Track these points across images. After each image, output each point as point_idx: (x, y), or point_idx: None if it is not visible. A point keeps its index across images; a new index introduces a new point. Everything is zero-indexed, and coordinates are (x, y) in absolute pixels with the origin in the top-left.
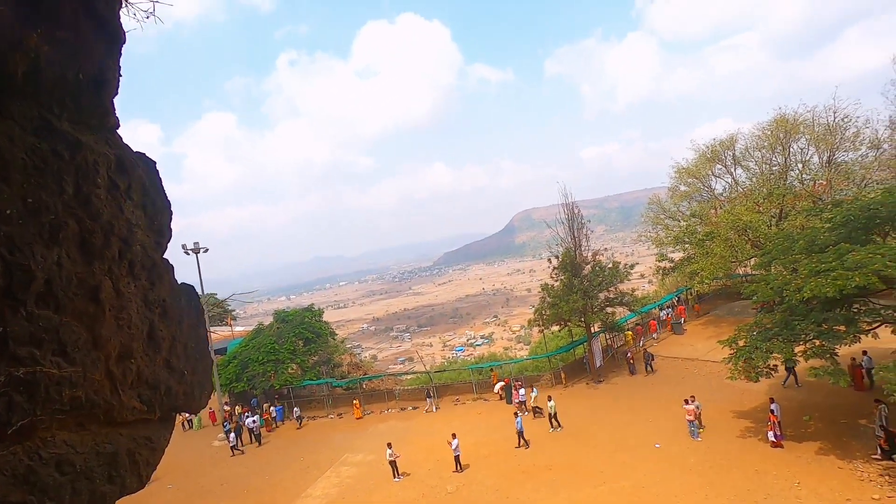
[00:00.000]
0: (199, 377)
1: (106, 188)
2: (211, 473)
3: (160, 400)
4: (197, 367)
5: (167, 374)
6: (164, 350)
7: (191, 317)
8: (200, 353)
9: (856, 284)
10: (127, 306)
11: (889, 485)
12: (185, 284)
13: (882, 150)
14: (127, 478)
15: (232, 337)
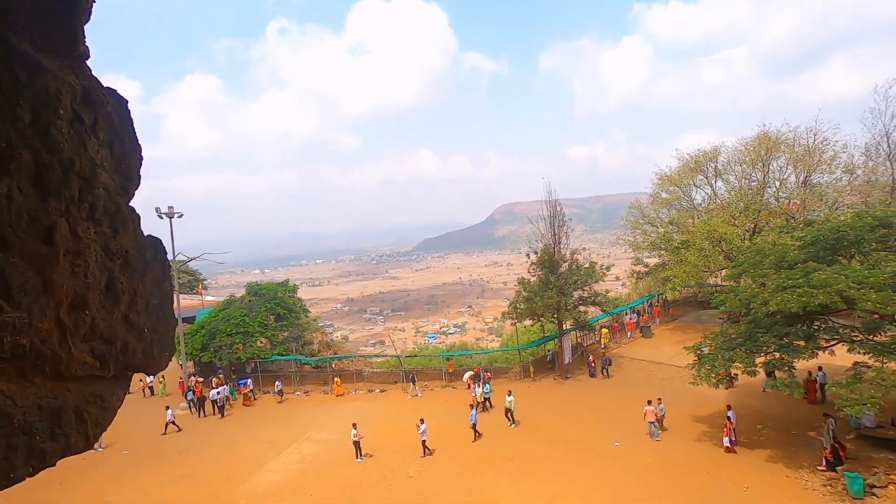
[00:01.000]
0: (160, 336)
1: (68, 121)
2: (169, 442)
3: (115, 357)
4: (159, 325)
5: (125, 330)
6: (124, 304)
7: (155, 271)
8: (164, 312)
9: (819, 302)
10: (84, 252)
11: (830, 494)
12: (152, 237)
13: (856, 175)
14: (72, 436)
15: (202, 306)
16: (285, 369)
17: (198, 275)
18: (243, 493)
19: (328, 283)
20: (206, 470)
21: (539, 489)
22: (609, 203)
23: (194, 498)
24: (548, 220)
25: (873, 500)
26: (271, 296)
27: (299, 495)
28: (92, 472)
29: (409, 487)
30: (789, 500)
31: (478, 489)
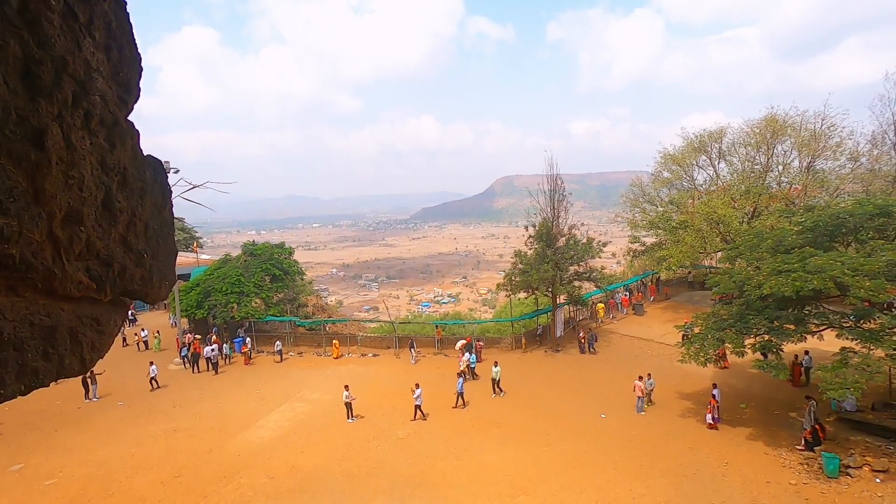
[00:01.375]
0: (160, 264)
1: (60, 14)
2: (164, 395)
3: (112, 280)
4: (158, 252)
5: (123, 253)
6: (122, 225)
7: (155, 194)
8: (163, 238)
9: (813, 287)
10: (79, 163)
11: (806, 472)
12: (152, 157)
13: (859, 163)
14: (67, 358)
15: (197, 264)
16: (279, 330)
17: (193, 232)
18: (235, 447)
19: (324, 247)
20: (199, 424)
21: (525, 455)
22: (609, 180)
23: (188, 450)
24: (547, 194)
25: (847, 479)
26: (267, 256)
27: (290, 451)
28: (87, 420)
29: (399, 448)
30: (766, 475)
31: (465, 453)
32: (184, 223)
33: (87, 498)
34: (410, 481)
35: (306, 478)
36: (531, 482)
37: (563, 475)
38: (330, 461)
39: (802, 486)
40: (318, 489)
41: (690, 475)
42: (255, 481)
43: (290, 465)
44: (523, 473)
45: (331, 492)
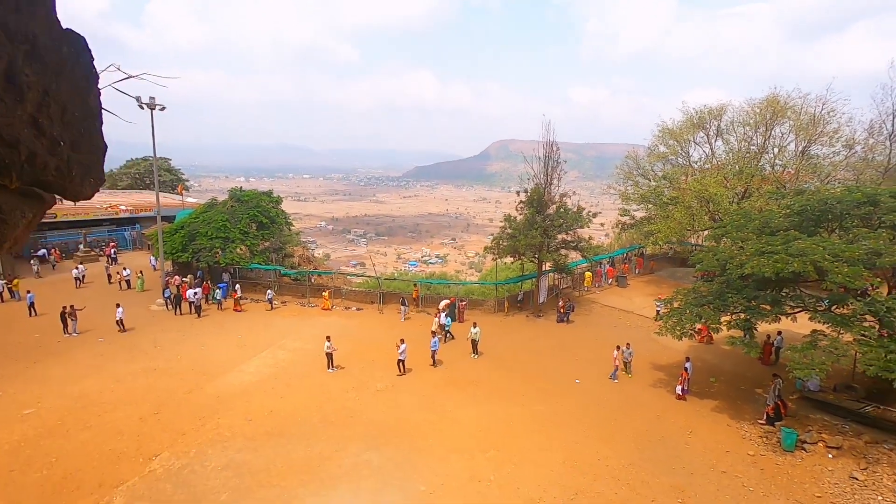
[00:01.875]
0: (82, 157)
1: None
2: (145, 334)
3: (19, 165)
4: (80, 142)
5: (32, 136)
6: (30, 103)
7: (75, 76)
8: (87, 129)
9: (793, 270)
10: None
11: (764, 445)
12: (73, 32)
13: (854, 151)
14: None
15: (182, 207)
16: (264, 278)
17: (179, 174)
18: (215, 389)
19: (314, 199)
20: (179, 365)
21: (498, 414)
22: (605, 152)
23: (167, 389)
24: (542, 160)
25: (802, 453)
26: (254, 203)
27: (270, 396)
28: (66, 354)
29: (376, 400)
30: (727, 445)
31: (441, 408)
32: (170, 164)
33: (64, 428)
34: (385, 431)
35: (284, 421)
36: (502, 439)
37: (534, 434)
38: (308, 408)
39: (759, 458)
40: (295, 432)
41: (655, 441)
42: (234, 422)
43: (268, 408)
44: (496, 430)
45: (307, 435)
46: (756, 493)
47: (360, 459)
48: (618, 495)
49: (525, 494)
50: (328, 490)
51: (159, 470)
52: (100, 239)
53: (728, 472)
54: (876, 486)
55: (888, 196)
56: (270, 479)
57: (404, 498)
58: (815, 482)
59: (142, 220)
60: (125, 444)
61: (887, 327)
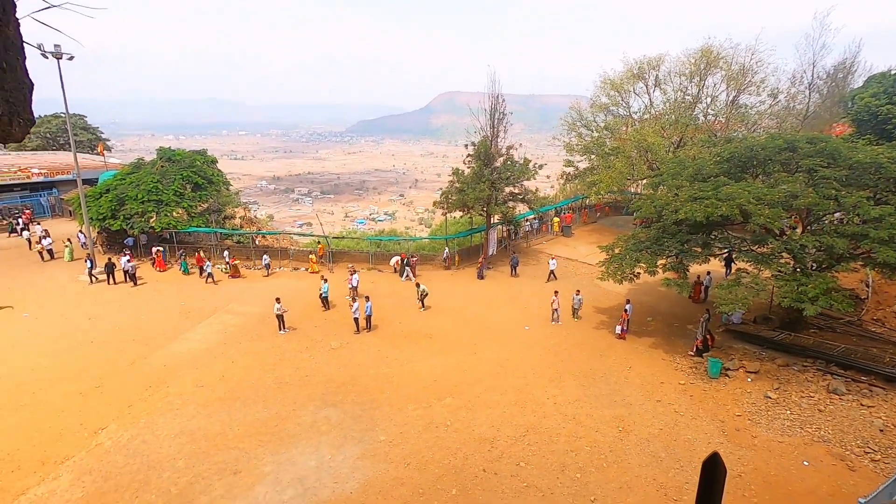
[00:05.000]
0: (6, 94)
1: None
2: (76, 308)
3: None
4: (3, 78)
5: None
6: None
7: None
8: (9, 63)
9: (721, 213)
10: None
11: (693, 374)
12: None
13: (777, 100)
14: None
15: (105, 168)
16: (204, 242)
17: (98, 133)
18: (160, 358)
19: (252, 157)
20: (118, 337)
21: (452, 363)
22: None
23: (107, 362)
24: (488, 113)
25: (725, 379)
26: (187, 163)
27: (220, 362)
28: None
29: (331, 358)
30: (661, 377)
31: (396, 362)
32: (86, 121)
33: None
34: (343, 387)
35: (237, 386)
36: (457, 386)
37: (487, 380)
38: (262, 371)
39: (689, 385)
40: (250, 396)
41: (598, 378)
42: (184, 390)
43: (219, 374)
44: (450, 379)
45: (262, 398)
46: (686, 417)
47: (318, 416)
48: (565, 429)
49: (480, 435)
50: (288, 448)
51: (107, 443)
52: (11, 206)
53: (662, 401)
54: (785, 402)
55: (805, 142)
56: (227, 441)
57: (364, 449)
58: (735, 403)
59: (59, 185)
60: (66, 421)
61: (800, 263)
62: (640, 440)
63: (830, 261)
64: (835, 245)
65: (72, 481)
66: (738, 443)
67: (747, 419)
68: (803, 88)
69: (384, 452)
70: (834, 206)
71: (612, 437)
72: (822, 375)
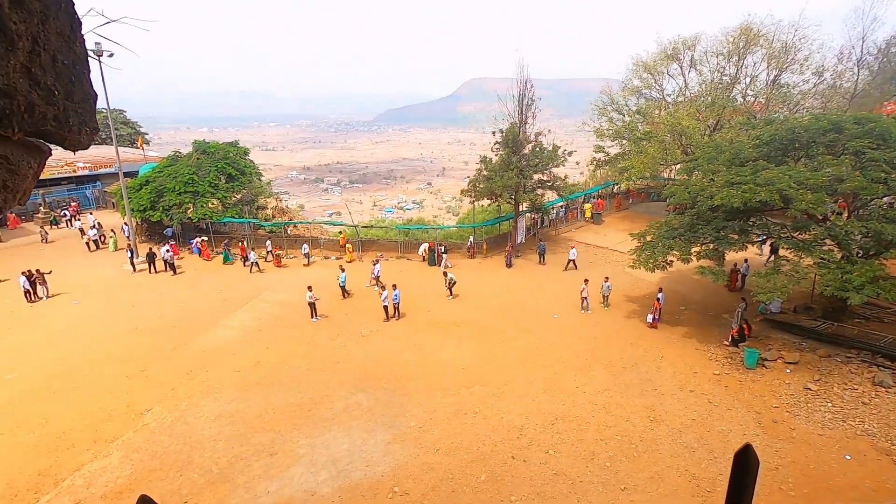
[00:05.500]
0: (75, 105)
1: None
2: (121, 295)
3: (19, 115)
4: (72, 91)
5: (28, 86)
6: (22, 52)
7: (60, 21)
8: (77, 76)
9: (760, 199)
10: None
11: (729, 364)
12: None
13: (823, 78)
14: None
15: (144, 161)
16: (238, 232)
17: (136, 127)
18: (200, 344)
19: (282, 148)
20: (160, 322)
21: (481, 351)
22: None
23: (151, 347)
24: (516, 99)
25: (762, 370)
26: (221, 155)
27: (256, 348)
28: (42, 320)
29: (361, 345)
30: (694, 367)
31: (425, 349)
32: (125, 116)
33: (51, 390)
34: (373, 374)
35: (272, 371)
36: (486, 374)
37: (516, 368)
38: (295, 357)
39: (724, 376)
40: (285, 381)
41: (629, 367)
42: (222, 375)
43: (255, 360)
44: (479, 367)
45: (296, 383)
46: (720, 408)
47: (349, 402)
48: (594, 418)
49: (508, 422)
50: (322, 431)
51: (153, 423)
52: (60, 199)
53: (695, 391)
54: (826, 394)
55: (852, 123)
56: (264, 424)
57: (395, 434)
58: (773, 394)
59: (103, 178)
60: (115, 402)
61: (845, 250)
62: (671, 430)
63: (878, 247)
64: (883, 231)
65: (121, 459)
66: (775, 435)
67: (785, 411)
68: (851, 65)
69: (414, 437)
70: (883, 189)
71: (642, 426)
72: (868, 367)
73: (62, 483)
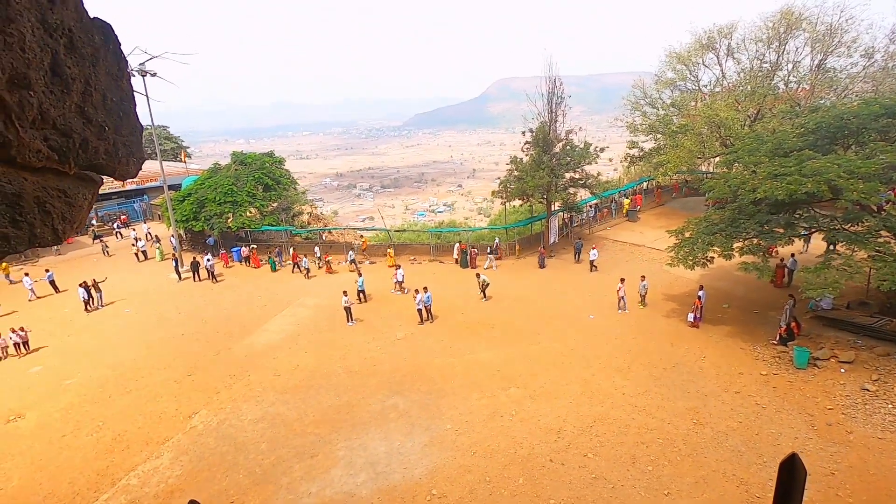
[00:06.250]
0: (124, 138)
1: None
2: (168, 303)
3: (74, 151)
4: (121, 125)
5: (82, 124)
6: (76, 93)
7: (108, 62)
8: (124, 111)
9: (806, 190)
10: (16, 20)
11: (777, 364)
12: (101, 20)
13: (873, 60)
14: (37, 227)
15: (186, 174)
16: (276, 239)
17: (179, 141)
18: (242, 349)
19: (316, 156)
20: (205, 328)
21: (516, 353)
22: (609, 83)
23: (196, 352)
24: (545, 97)
25: (814, 370)
26: (258, 166)
27: (294, 352)
28: (97, 327)
29: (397, 348)
30: (740, 367)
31: (460, 352)
32: (168, 132)
33: (106, 394)
34: (409, 376)
35: (310, 375)
36: (521, 376)
37: (552, 370)
38: (332, 360)
39: (772, 377)
40: (323, 384)
41: (670, 368)
42: (263, 379)
43: (294, 364)
44: (514, 369)
45: (334, 386)
46: (769, 410)
47: (386, 404)
48: (634, 420)
49: (546, 425)
50: (360, 434)
51: (200, 426)
52: (111, 213)
53: (741, 392)
54: (886, 395)
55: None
56: (304, 427)
57: (431, 436)
58: (826, 396)
59: (149, 191)
60: (165, 405)
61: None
62: (717, 433)
63: None
64: None
65: (171, 460)
66: (830, 439)
67: (841, 413)
68: None
69: (451, 440)
70: None
71: (685, 429)
72: None
73: (118, 482)
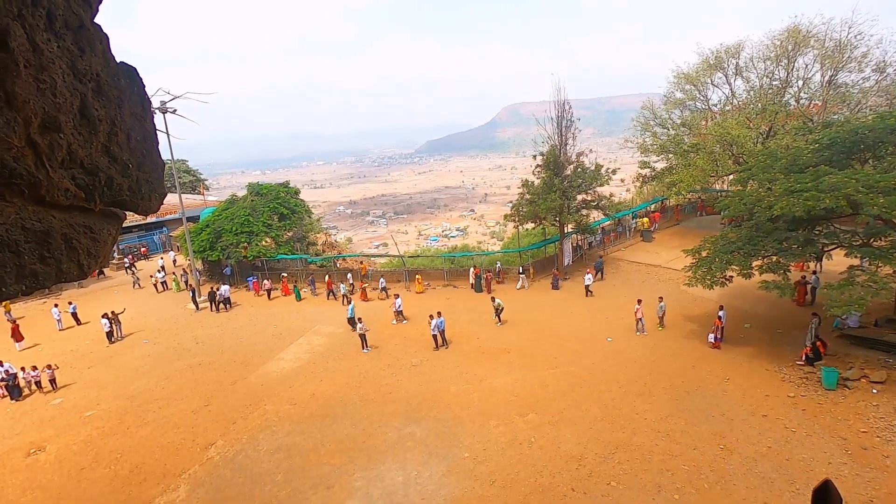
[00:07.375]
0: (147, 175)
1: None
2: (185, 333)
3: (100, 189)
4: (144, 163)
5: (108, 163)
6: (103, 134)
7: (133, 104)
8: (147, 149)
9: (825, 206)
10: (49, 68)
11: (804, 386)
12: (126, 64)
13: (885, 74)
14: (64, 262)
15: (204, 205)
16: (291, 268)
17: (198, 174)
18: (258, 378)
19: (329, 185)
20: (221, 358)
21: (533, 378)
22: (618, 105)
23: (213, 382)
24: (555, 121)
25: (844, 391)
26: (273, 196)
27: (310, 380)
28: (116, 359)
29: (412, 375)
30: (766, 389)
31: (476, 378)
32: (187, 165)
33: (124, 426)
34: (424, 404)
35: (326, 403)
36: (539, 402)
37: (570, 394)
38: (348, 388)
39: (800, 398)
40: (339, 413)
41: (692, 391)
42: (279, 408)
43: (310, 392)
44: (532, 394)
45: (350, 415)
46: (799, 434)
47: (403, 433)
48: (658, 446)
49: (566, 452)
50: (376, 464)
51: (216, 457)
52: (131, 245)
53: (769, 416)
54: None
55: None
56: (320, 457)
57: (449, 466)
58: (859, 418)
59: (168, 223)
60: (182, 436)
61: None
62: (745, 459)
63: None
64: None
65: (188, 492)
66: (865, 463)
67: (876, 436)
68: None
69: (469, 469)
70: None
71: (712, 455)
72: None
73: None
